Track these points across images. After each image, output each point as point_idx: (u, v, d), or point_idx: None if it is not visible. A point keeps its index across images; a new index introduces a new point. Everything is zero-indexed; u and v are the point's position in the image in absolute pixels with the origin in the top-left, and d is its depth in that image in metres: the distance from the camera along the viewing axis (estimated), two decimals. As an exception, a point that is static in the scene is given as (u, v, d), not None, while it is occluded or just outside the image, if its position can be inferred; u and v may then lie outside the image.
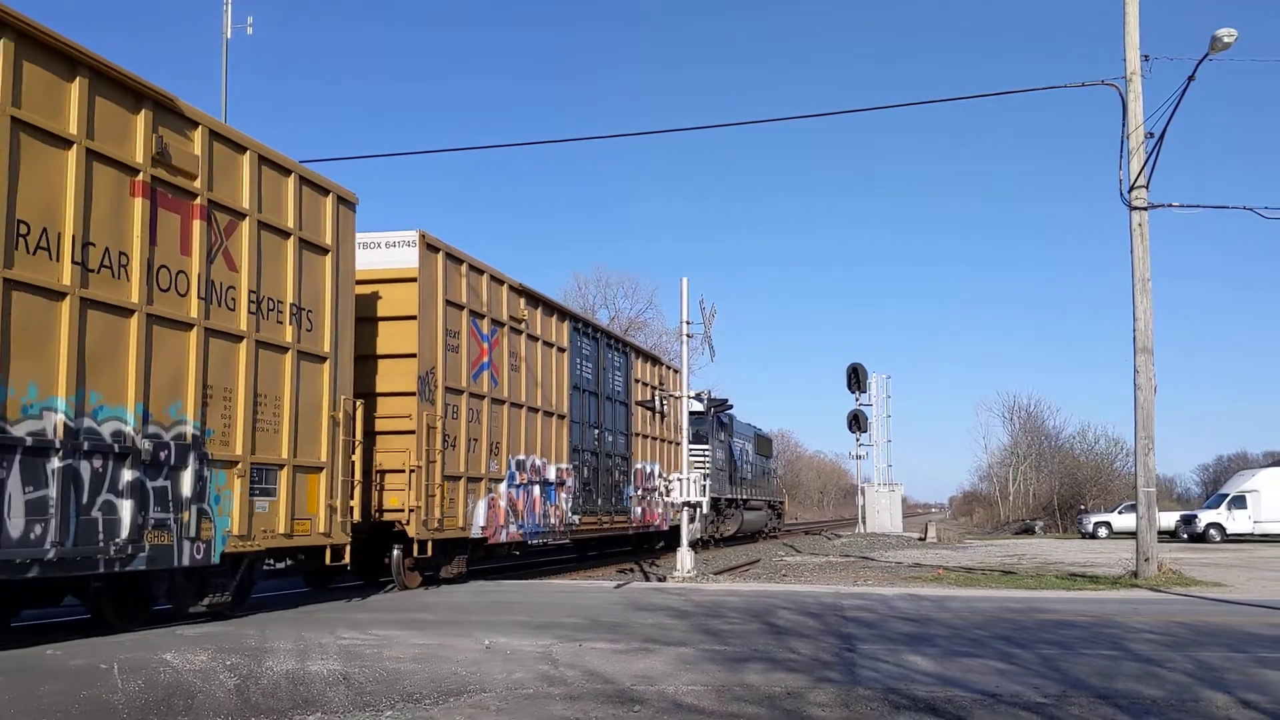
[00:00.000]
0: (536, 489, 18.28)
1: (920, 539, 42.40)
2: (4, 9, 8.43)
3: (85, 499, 8.90)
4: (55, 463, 8.59)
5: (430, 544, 14.66)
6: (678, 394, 21.06)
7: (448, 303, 15.41)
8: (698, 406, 30.06)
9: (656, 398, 22.94)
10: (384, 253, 14.70)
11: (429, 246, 14.97)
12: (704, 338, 21.03)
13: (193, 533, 10.11)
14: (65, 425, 8.71)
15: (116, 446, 9.25)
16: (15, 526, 8.19)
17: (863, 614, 11.80)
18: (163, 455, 9.79)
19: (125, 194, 9.62)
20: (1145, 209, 17.39)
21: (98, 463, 9.05)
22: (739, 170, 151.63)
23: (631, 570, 21.96)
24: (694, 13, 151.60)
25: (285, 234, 11.86)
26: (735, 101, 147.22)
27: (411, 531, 14.29)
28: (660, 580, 18.45)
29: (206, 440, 10.41)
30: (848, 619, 11.26)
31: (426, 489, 14.52)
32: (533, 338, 18.40)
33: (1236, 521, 39.60)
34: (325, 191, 12.64)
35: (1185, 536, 40.37)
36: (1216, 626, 10.76)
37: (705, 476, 28.88)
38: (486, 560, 18.32)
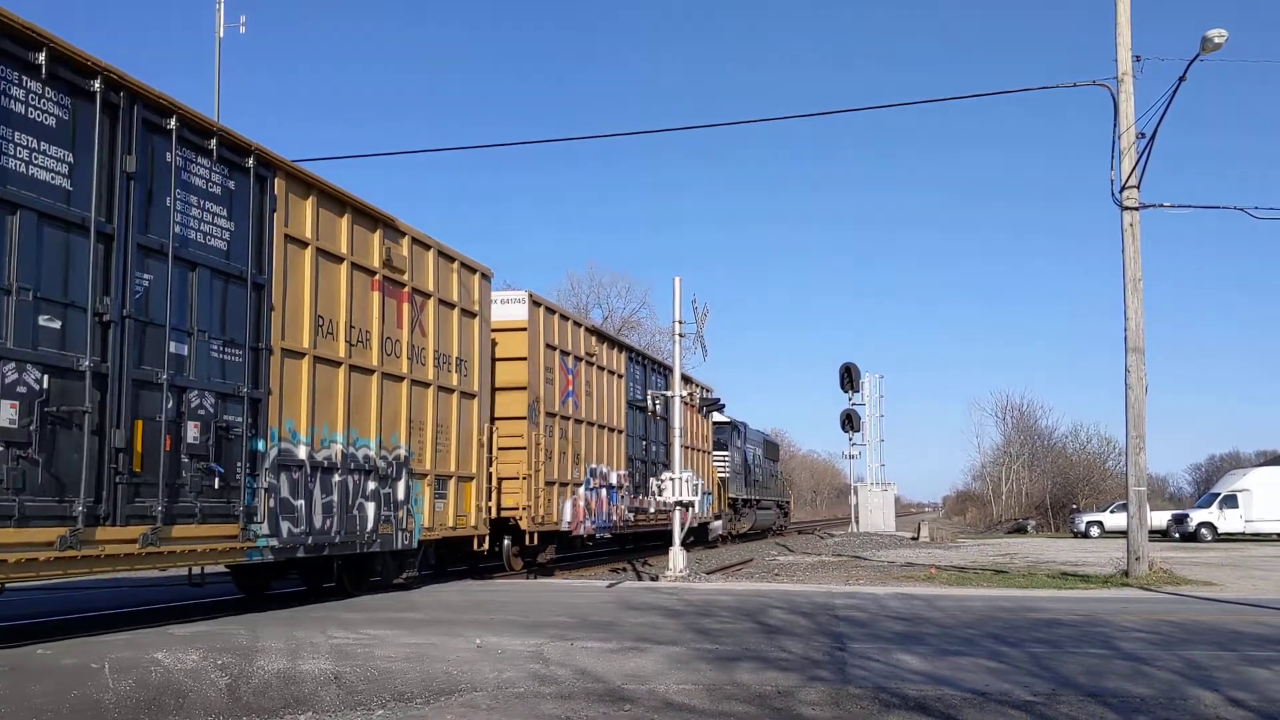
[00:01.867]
0: (603, 491, 21.93)
1: (913, 538, 42.46)
2: (322, 182, 12.37)
3: (350, 501, 12.69)
4: (337, 477, 12.43)
5: (535, 535, 18.32)
6: (670, 393, 21.07)
7: (546, 345, 19.22)
8: (720, 418, 34.80)
9: (650, 398, 22.94)
10: (501, 307, 18.18)
11: (534, 303, 18.90)
12: (696, 337, 21.05)
13: (403, 525, 13.85)
14: (342, 452, 12.50)
15: (366, 465, 13.03)
16: (318, 520, 12.04)
17: (854, 613, 11.82)
18: (388, 471, 13.54)
19: (368, 289, 13.33)
20: (1136, 209, 17.45)
21: (357, 477, 12.86)
22: (733, 169, 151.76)
23: (624, 569, 21.95)
24: (691, 12, 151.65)
25: (452, 305, 15.45)
26: (730, 101, 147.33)
27: (524, 525, 17.90)
28: (652, 579, 18.45)
29: (411, 459, 14.07)
30: (839, 618, 11.28)
31: (533, 492, 18.05)
32: (600, 368, 22.21)
33: (1228, 521, 39.72)
34: (474, 270, 16.19)
35: (1177, 536, 40.48)
36: (1206, 625, 10.81)
37: (723, 480, 34.45)
38: (563, 550, 21.31)
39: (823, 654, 8.56)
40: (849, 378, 53.02)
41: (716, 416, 33.63)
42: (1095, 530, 46.14)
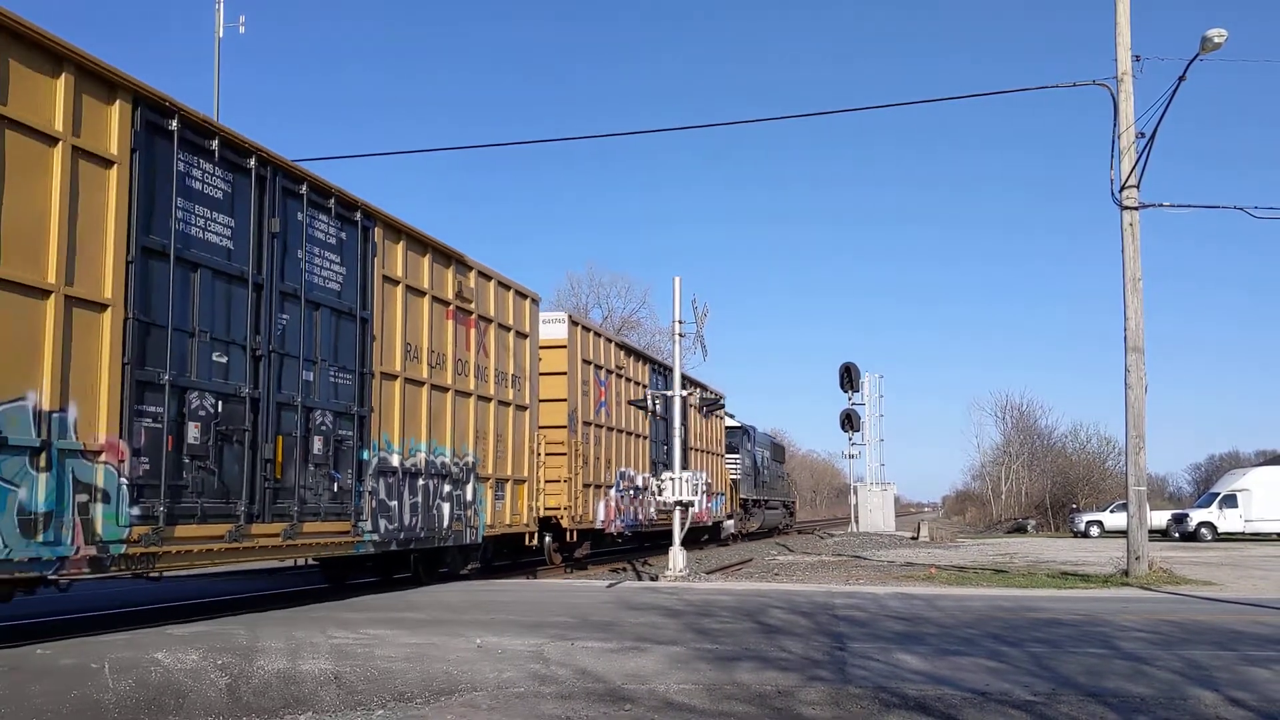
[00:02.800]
0: (631, 492, 23.99)
1: (913, 538, 42.44)
2: (410, 228, 14.41)
3: (430, 502, 14.66)
4: (420, 481, 14.39)
5: (574, 532, 20.37)
6: (670, 393, 21.06)
7: (583, 360, 21.35)
8: (732, 423, 36.99)
9: (648, 397, 22.95)
10: (543, 327, 19.87)
11: (573, 322, 21.30)
12: (696, 337, 21.04)
13: (471, 523, 15.85)
14: (424, 460, 14.53)
15: (442, 471, 15.00)
16: (406, 518, 14.02)
17: (854, 613, 11.82)
18: (460, 475, 15.50)
19: (444, 318, 15.33)
20: (1136, 208, 17.45)
21: (435, 481, 14.80)
22: (732, 169, 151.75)
23: (624, 569, 21.94)
24: (688, 11, 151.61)
25: (508, 329, 17.47)
26: (728, 99, 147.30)
27: (565, 524, 19.89)
28: (652, 579, 18.44)
29: (477, 465, 16.04)
30: (839, 618, 11.28)
31: (572, 494, 20.13)
32: (627, 379, 24.26)
33: (1228, 520, 39.72)
34: (525, 296, 18.35)
35: (1177, 535, 40.49)
36: (1206, 625, 10.81)
37: (735, 481, 36.73)
38: (596, 546, 23.24)
39: (823, 654, 8.56)
40: (849, 377, 53.01)
41: (728, 421, 35.95)
42: (1095, 530, 46.13)
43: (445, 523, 14.99)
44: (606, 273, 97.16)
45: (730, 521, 35.87)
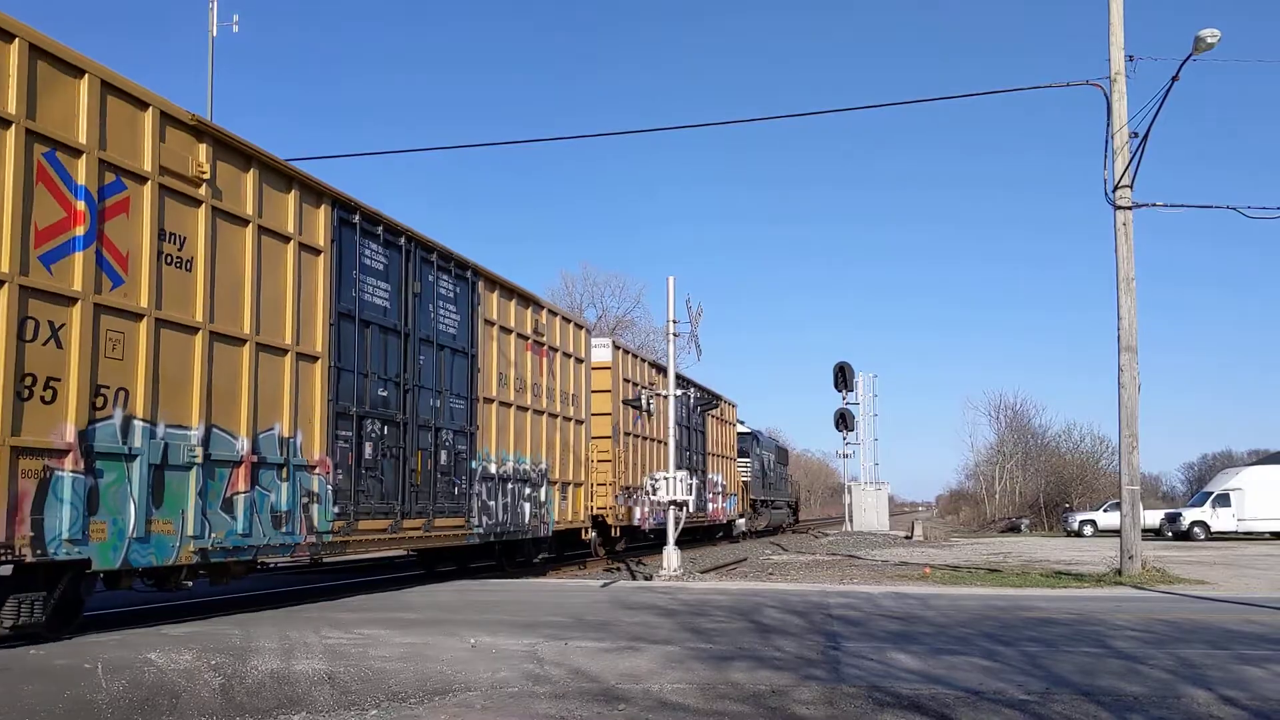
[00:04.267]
0: None
1: (907, 537, 42.50)
2: (502, 280, 17.76)
3: (516, 503, 17.75)
4: (509, 485, 17.52)
5: (617, 528, 23.66)
6: (664, 392, 21.07)
7: (624, 379, 24.66)
8: (743, 429, 40.62)
9: (643, 396, 22.96)
10: (593, 351, 22.66)
11: (615, 346, 24.78)
12: (690, 336, 21.03)
13: (545, 520, 19.03)
14: (512, 468, 17.63)
15: (523, 477, 18.12)
16: (500, 515, 17.13)
17: (848, 612, 11.83)
18: (536, 480, 18.66)
19: (523, 350, 18.48)
20: (1129, 208, 17.48)
21: (519, 485, 17.95)
22: (728, 169, 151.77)
23: (618, 569, 21.93)
24: (684, 11, 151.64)
25: (568, 355, 20.57)
26: (722, 100, 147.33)
27: (610, 521, 23.12)
28: (647, 579, 18.41)
29: (548, 471, 19.17)
30: (833, 617, 11.29)
31: (616, 495, 23.32)
32: (657, 394, 26.61)
33: (1221, 519, 39.80)
34: (580, 326, 21.73)
35: (1170, 534, 40.57)
36: (1199, 624, 10.84)
37: (746, 483, 40.75)
38: (630, 540, 26.01)
39: (817, 653, 8.57)
40: (843, 377, 53.08)
41: (740, 428, 39.58)
42: (1089, 529, 46.22)
43: (526, 519, 18.21)
44: (601, 272, 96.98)
45: (742, 520, 39.41)
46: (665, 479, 19.63)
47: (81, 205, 9.22)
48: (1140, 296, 17.60)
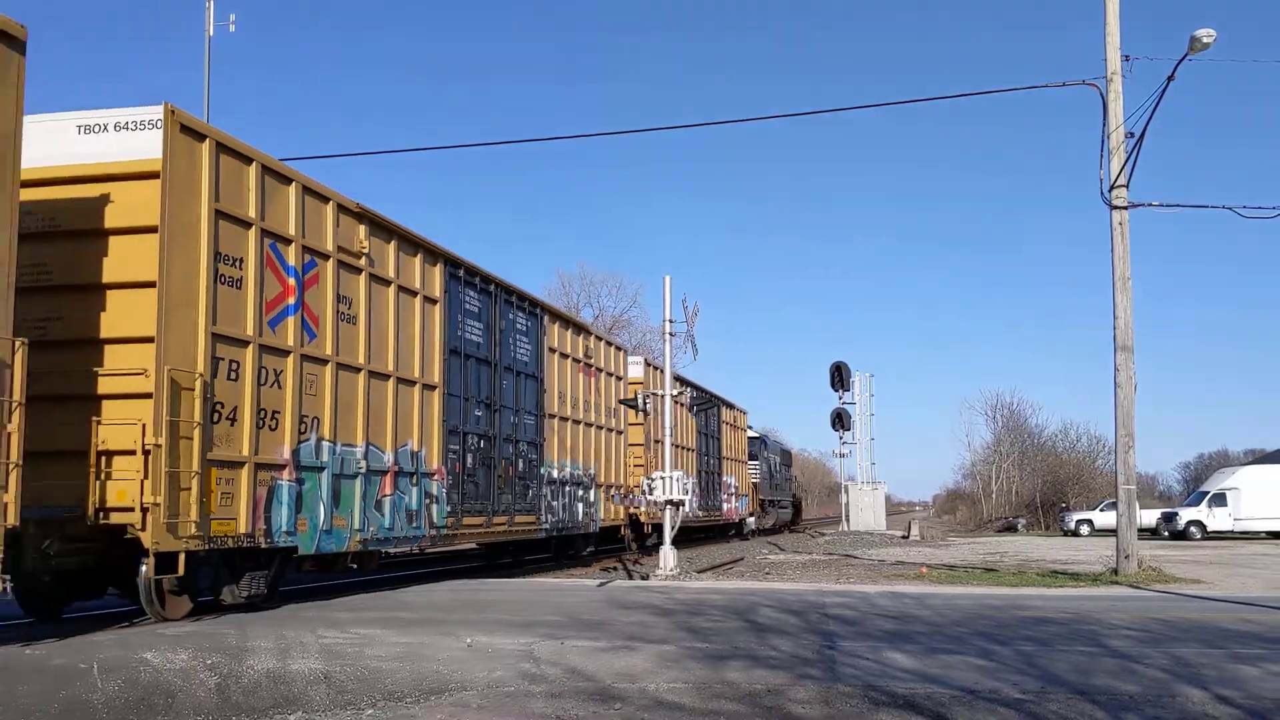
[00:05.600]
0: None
1: (903, 537, 42.52)
2: (563, 313, 22.17)
3: (571, 503, 21.04)
4: (566, 488, 20.79)
5: (649, 525, 26.17)
6: (660, 392, 21.06)
7: (652, 392, 26.33)
8: (752, 433, 43.54)
9: (640, 396, 22.95)
10: (629, 368, 25.78)
11: (646, 363, 28.14)
12: (687, 336, 21.03)
13: (593, 518, 22.42)
14: (569, 473, 20.95)
15: (576, 480, 21.31)
16: (560, 513, 20.49)
17: (844, 611, 11.84)
18: (587, 483, 21.96)
19: (577, 371, 21.69)
20: (1125, 208, 17.50)
21: (574, 488, 21.21)
22: (725, 169, 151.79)
23: (615, 568, 21.93)
24: (682, 13, 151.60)
25: (610, 374, 23.87)
26: (719, 102, 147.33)
27: (643, 519, 25.91)
28: (643, 578, 18.40)
29: (595, 475, 22.46)
30: (829, 616, 11.30)
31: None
32: (680, 403, 28.57)
33: (1217, 519, 39.86)
34: (620, 349, 25.31)
35: (1166, 534, 40.62)
36: (1194, 623, 10.86)
37: (755, 484, 44.27)
38: (658, 537, 26.71)
39: (813, 652, 8.57)
40: (839, 376, 53.07)
41: (749, 433, 42.51)
42: (1085, 529, 46.24)
43: (580, 518, 21.49)
44: (598, 272, 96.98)
45: (752, 519, 42.72)
46: (661, 479, 19.40)
47: (292, 281, 12.03)
48: (1137, 296, 17.63)
